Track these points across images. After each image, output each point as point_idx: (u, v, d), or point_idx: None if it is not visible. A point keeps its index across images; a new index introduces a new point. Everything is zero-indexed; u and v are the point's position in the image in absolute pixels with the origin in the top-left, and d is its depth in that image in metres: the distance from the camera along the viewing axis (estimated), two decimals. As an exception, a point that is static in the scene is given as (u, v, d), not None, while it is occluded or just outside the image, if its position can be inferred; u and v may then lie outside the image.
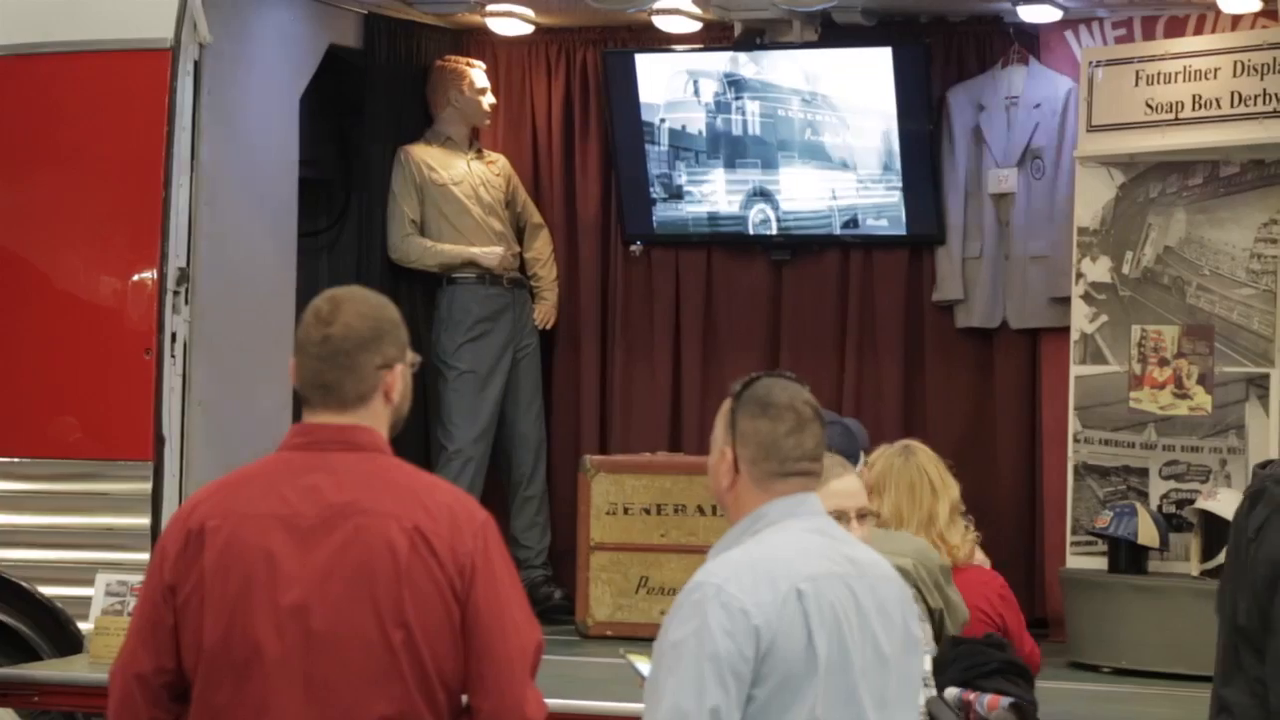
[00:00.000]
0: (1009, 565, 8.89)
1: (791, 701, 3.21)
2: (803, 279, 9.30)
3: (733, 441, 3.38)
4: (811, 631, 3.22)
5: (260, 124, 8.34)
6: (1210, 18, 8.43)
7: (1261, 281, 7.89)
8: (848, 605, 3.29)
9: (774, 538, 3.33)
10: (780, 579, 3.24)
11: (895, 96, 8.79)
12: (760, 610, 3.20)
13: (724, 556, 3.32)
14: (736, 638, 3.18)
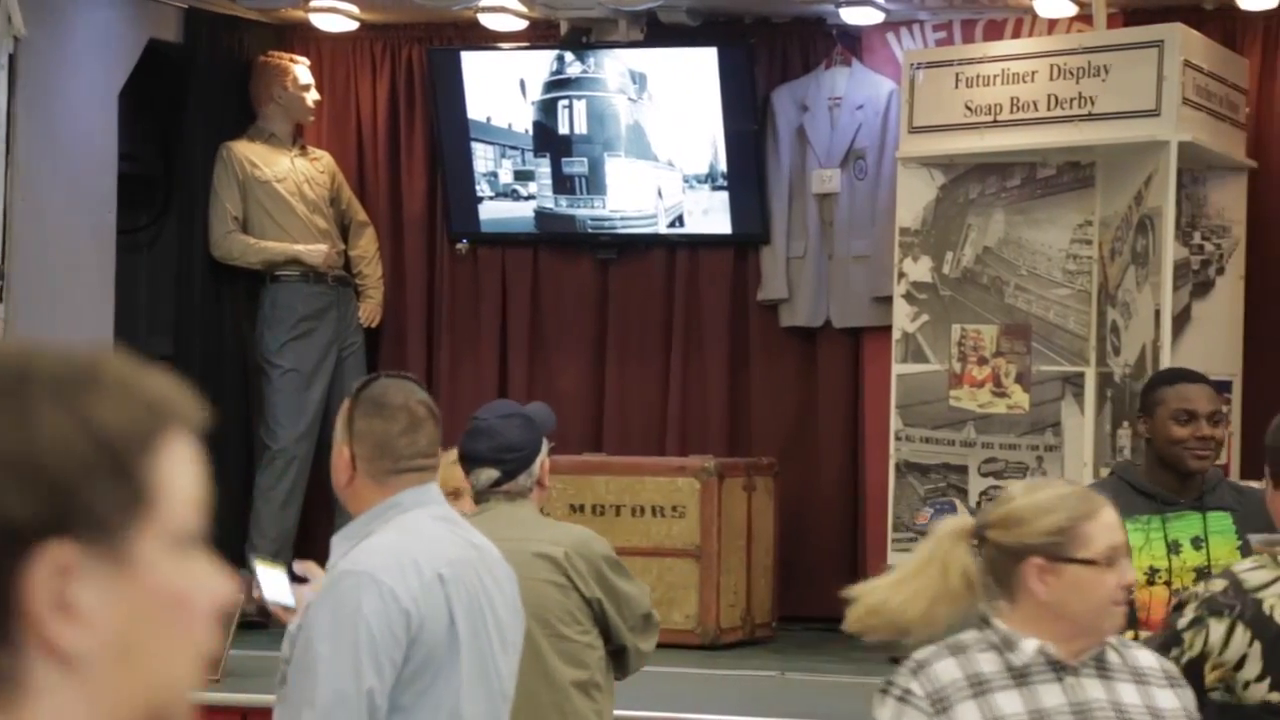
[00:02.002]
0: (831, 562, 9.02)
1: (435, 680, 3.41)
2: (629, 278, 9.33)
3: (350, 440, 3.55)
4: (453, 614, 3.42)
5: (78, 119, 8.20)
6: (1027, 21, 8.57)
7: (1077, 282, 8.02)
8: (478, 588, 3.52)
9: (409, 525, 3.49)
10: (424, 565, 3.41)
11: (720, 96, 8.84)
12: (409, 595, 3.38)
13: (367, 545, 3.45)
14: (390, 622, 3.35)
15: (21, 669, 1.23)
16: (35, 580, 1.23)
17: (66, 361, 1.29)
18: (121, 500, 1.27)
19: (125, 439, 1.28)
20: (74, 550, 1.23)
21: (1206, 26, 8.15)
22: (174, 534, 1.30)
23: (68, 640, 1.23)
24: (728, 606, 8.21)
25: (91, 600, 1.24)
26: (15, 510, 1.22)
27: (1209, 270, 8.06)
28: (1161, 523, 4.43)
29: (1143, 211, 7.51)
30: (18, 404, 1.25)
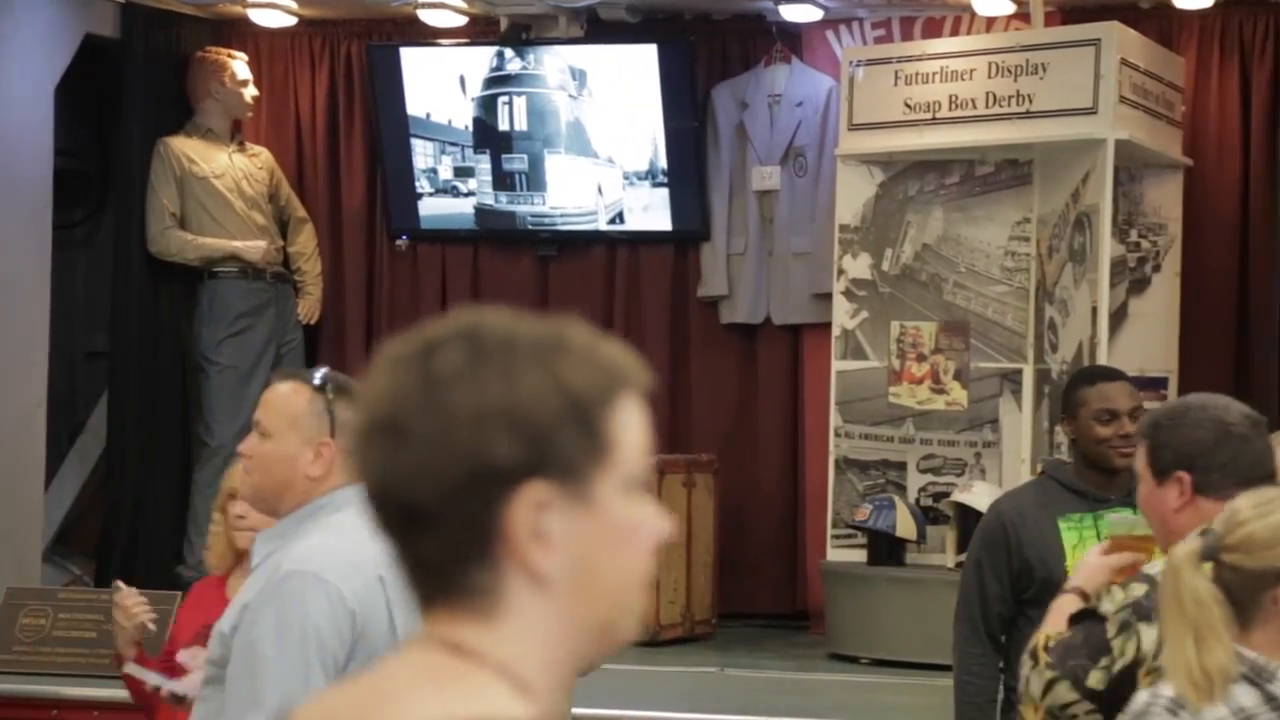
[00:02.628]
0: (771, 558, 9.04)
1: None
2: (569, 274, 9.32)
3: (332, 432, 3.47)
4: (393, 615, 3.37)
5: (13, 114, 8.14)
6: (966, 19, 8.60)
7: (1015, 279, 8.06)
8: None
9: (343, 525, 3.42)
10: (366, 565, 3.36)
11: (660, 93, 8.84)
12: (354, 596, 3.34)
13: (309, 545, 3.41)
14: (336, 623, 3.31)
15: (502, 586, 1.49)
16: (517, 513, 1.48)
17: (541, 330, 1.53)
18: (586, 448, 1.51)
19: (590, 397, 1.52)
20: (548, 489, 1.49)
21: (1143, 25, 8.20)
22: (626, 478, 1.54)
23: (541, 563, 1.49)
24: (667, 603, 8.21)
25: (560, 530, 1.49)
26: (503, 454, 1.48)
27: (1145, 267, 8.11)
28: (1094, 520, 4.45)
29: (1080, 209, 7.55)
30: (505, 365, 1.49)
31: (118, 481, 8.83)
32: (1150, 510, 3.36)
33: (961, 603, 4.48)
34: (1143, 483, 3.36)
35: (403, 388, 1.51)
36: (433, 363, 1.51)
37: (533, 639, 1.51)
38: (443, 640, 1.51)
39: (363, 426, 1.54)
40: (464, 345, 1.52)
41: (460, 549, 1.51)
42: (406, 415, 1.50)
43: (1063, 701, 3.07)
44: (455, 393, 1.49)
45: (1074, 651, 3.09)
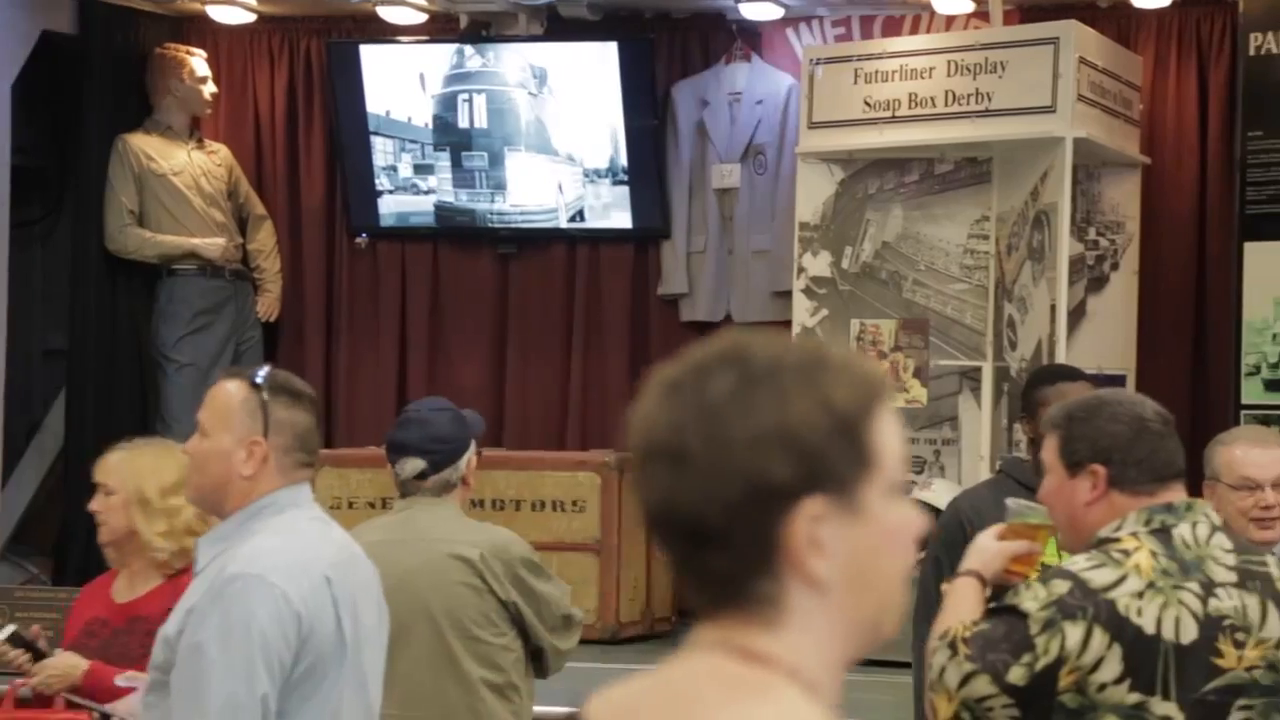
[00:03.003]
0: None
1: (320, 683, 3.36)
2: (529, 272, 9.31)
3: (265, 430, 3.45)
4: (339, 616, 3.38)
5: (-31, 110, 8.10)
6: (925, 18, 8.63)
7: (974, 277, 8.08)
8: (357, 589, 3.47)
9: (288, 527, 3.43)
10: (311, 566, 3.37)
11: (621, 91, 8.84)
12: (300, 598, 3.33)
13: (254, 547, 3.39)
14: (282, 625, 3.30)
15: (784, 594, 1.60)
16: (795, 526, 1.59)
17: (802, 351, 1.63)
18: (853, 461, 1.60)
19: (853, 412, 1.61)
20: (822, 502, 1.59)
21: (1101, 24, 8.23)
22: (888, 483, 1.63)
23: (818, 570, 1.60)
24: (628, 600, 8.22)
25: (833, 539, 1.60)
26: (780, 474, 1.58)
27: (1104, 265, 8.14)
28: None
29: (1039, 207, 7.57)
30: (775, 388, 1.59)
31: (75, 480, 8.77)
32: (1057, 503, 3.34)
33: (920, 600, 4.48)
34: (1051, 474, 3.34)
35: (679, 415, 1.62)
36: (706, 389, 1.61)
37: (815, 641, 1.63)
38: (734, 646, 1.62)
39: (641, 452, 1.64)
40: (734, 371, 1.61)
41: (745, 562, 1.61)
42: (686, 441, 1.60)
43: (980, 695, 3.06)
44: (731, 418, 1.59)
45: (994, 645, 3.07)
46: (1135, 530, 3.23)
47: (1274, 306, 7.46)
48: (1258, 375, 7.46)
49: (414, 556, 4.49)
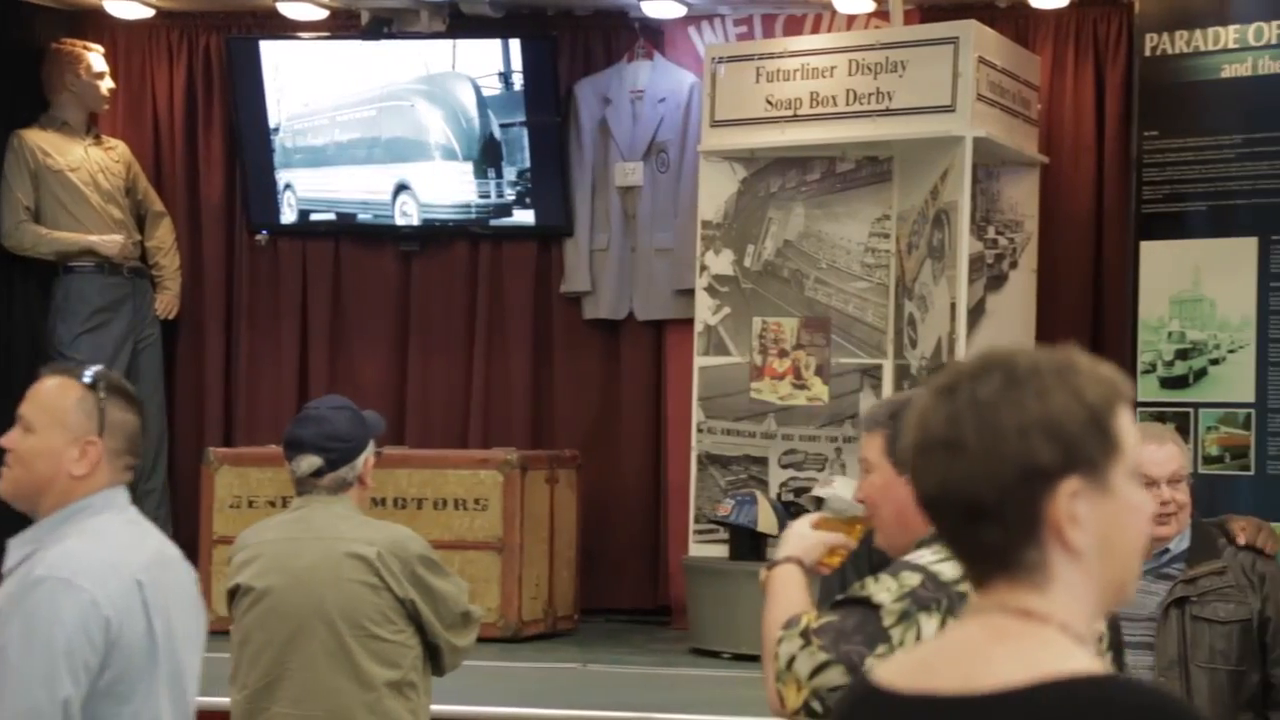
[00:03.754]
0: (633, 554, 9.06)
1: (134, 689, 3.31)
2: (432, 270, 9.28)
3: (100, 430, 3.42)
4: (151, 620, 3.33)
5: None
6: (826, 17, 8.67)
7: (875, 275, 8.13)
8: (170, 593, 3.42)
9: (101, 529, 3.39)
10: (122, 569, 3.32)
11: (523, 89, 8.83)
12: (109, 601, 3.28)
13: (63, 550, 3.35)
14: (88, 629, 3.25)
15: (1048, 561, 1.91)
16: (1058, 503, 1.89)
17: (1056, 357, 1.94)
18: (1103, 447, 1.91)
19: (1101, 405, 1.92)
20: (1079, 481, 1.90)
21: (1000, 24, 8.30)
22: (1129, 468, 1.94)
23: (1076, 540, 1.90)
24: (530, 599, 8.20)
25: (1088, 513, 1.90)
26: (1045, 457, 1.89)
27: (1003, 264, 8.20)
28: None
29: (938, 206, 7.62)
30: (1037, 387, 1.90)
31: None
32: (885, 500, 3.34)
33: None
34: (877, 472, 3.35)
35: (955, 411, 1.93)
36: (978, 389, 1.93)
37: (1076, 600, 1.92)
38: (1011, 608, 1.92)
39: (920, 443, 1.97)
40: (1001, 373, 1.93)
41: (1016, 534, 1.91)
42: (962, 433, 1.92)
43: (834, 684, 3.06)
44: (1001, 412, 1.91)
45: (848, 637, 3.06)
46: None
47: (1169, 305, 7.55)
48: (1153, 373, 7.55)
49: (310, 555, 4.47)
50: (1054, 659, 1.88)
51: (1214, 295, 7.46)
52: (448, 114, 8.97)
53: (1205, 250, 7.50)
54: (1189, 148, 7.55)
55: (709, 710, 6.65)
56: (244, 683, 4.55)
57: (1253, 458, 7.30)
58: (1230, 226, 7.44)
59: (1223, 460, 7.34)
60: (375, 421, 4.69)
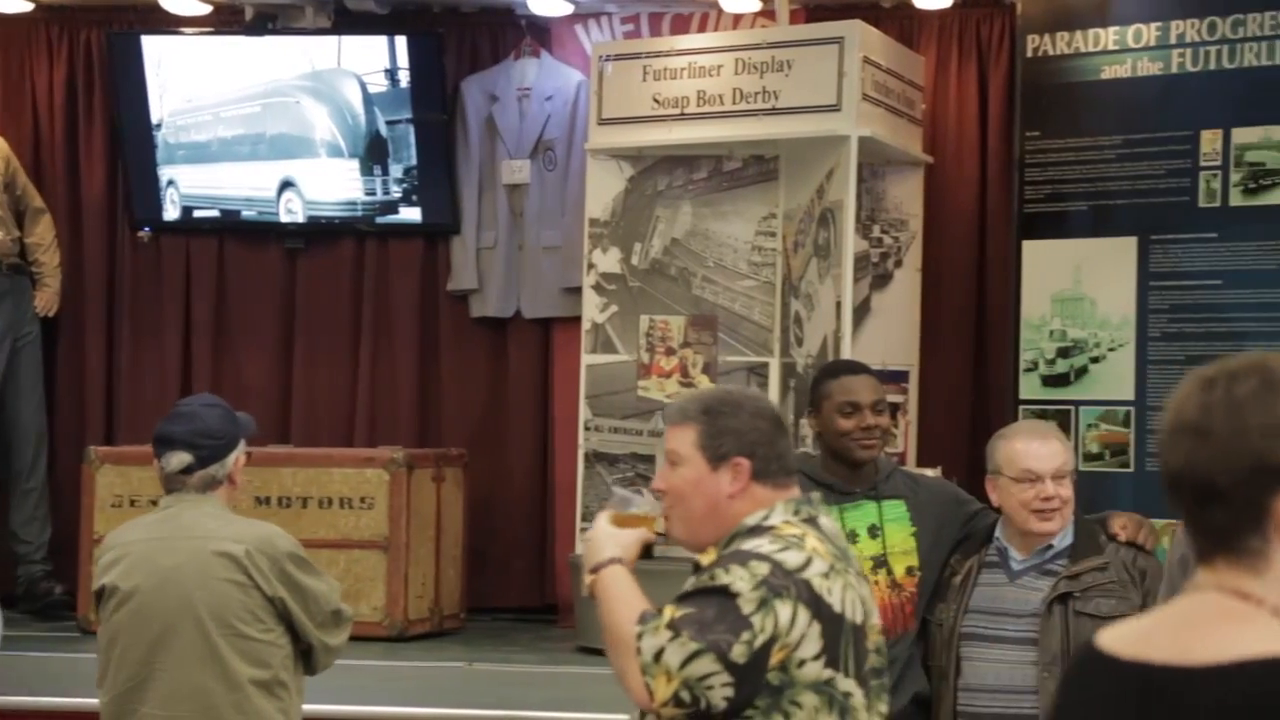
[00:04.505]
0: (520, 552, 9.04)
1: None
2: (317, 267, 9.23)
3: None
4: None
5: None
6: (713, 16, 8.70)
7: (762, 273, 8.16)
8: None
9: None
10: None
11: (410, 85, 8.79)
12: None
13: None
14: None
15: (1268, 549, 2.09)
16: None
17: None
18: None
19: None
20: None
21: (884, 24, 8.35)
22: None
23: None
24: (416, 598, 8.17)
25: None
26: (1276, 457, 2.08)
27: (888, 263, 8.26)
28: (839, 513, 4.53)
29: (824, 205, 7.67)
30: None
31: None
32: (696, 493, 3.41)
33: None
34: (688, 466, 3.41)
35: (1209, 402, 2.12)
36: (1234, 387, 2.12)
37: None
38: (1228, 588, 2.10)
39: (1174, 426, 2.15)
40: (1257, 377, 2.12)
41: (1241, 520, 2.10)
42: (1212, 423, 2.11)
43: (703, 673, 3.14)
44: (1250, 411, 2.10)
45: (711, 626, 3.15)
46: (788, 519, 3.36)
47: (1051, 304, 7.63)
48: (1035, 371, 7.63)
49: (177, 554, 4.44)
50: (1263, 640, 2.05)
51: (1094, 294, 7.55)
52: (333, 111, 8.92)
53: (1086, 249, 7.59)
54: (1070, 148, 7.64)
55: (596, 708, 6.65)
56: (112, 684, 4.51)
57: (1132, 455, 7.40)
58: (1110, 226, 7.54)
59: (1103, 457, 7.44)
60: (247, 422, 4.67)
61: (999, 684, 4.46)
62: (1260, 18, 7.26)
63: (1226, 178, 7.27)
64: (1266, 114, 7.19)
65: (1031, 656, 4.43)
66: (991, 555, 4.60)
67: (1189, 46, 7.41)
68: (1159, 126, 7.42)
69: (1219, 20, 7.34)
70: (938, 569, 4.64)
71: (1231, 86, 7.28)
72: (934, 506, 4.68)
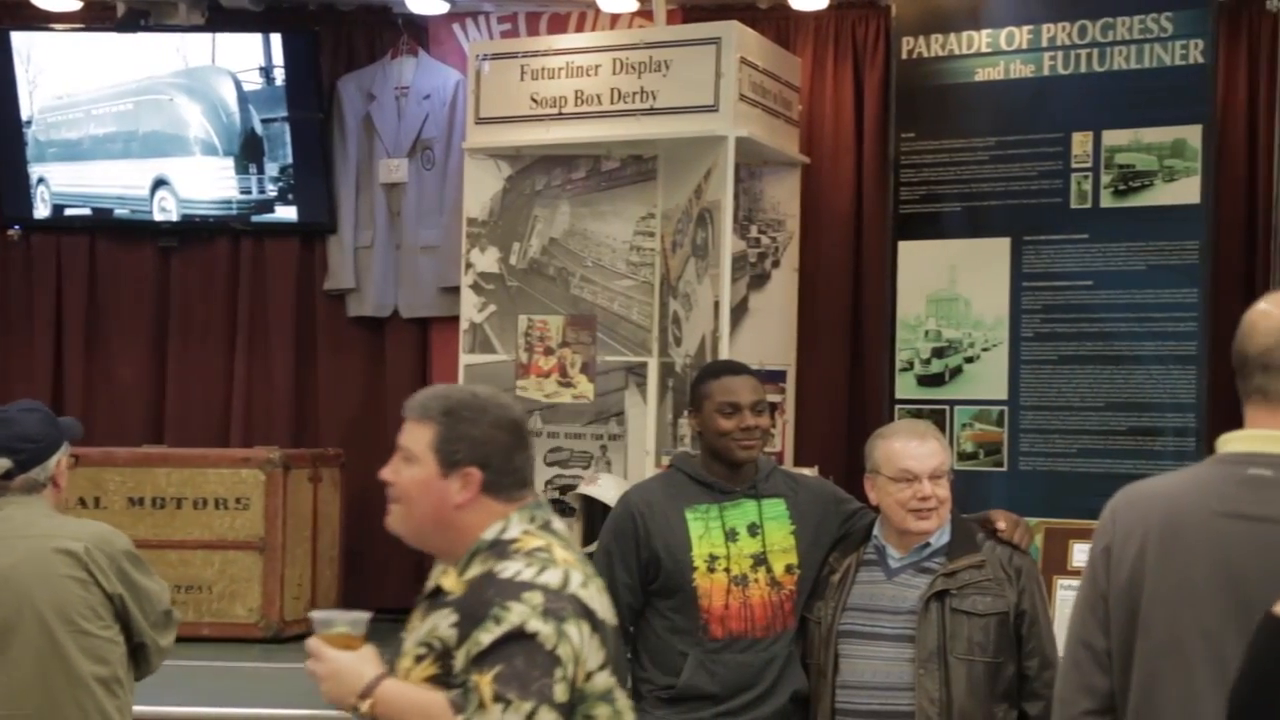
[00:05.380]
0: (398, 553, 9.00)
1: None
2: (192, 267, 9.15)
3: None
4: None
5: None
6: (591, 16, 8.70)
7: (640, 273, 8.18)
8: None
9: None
10: None
11: (285, 84, 8.74)
12: None
13: None
14: None
15: None
16: None
17: None
18: None
19: None
20: None
21: (761, 25, 8.40)
22: None
23: None
24: (292, 599, 8.12)
25: None
26: None
27: (765, 263, 8.31)
28: (719, 511, 4.55)
29: (702, 205, 7.69)
30: None
31: None
32: (423, 495, 3.29)
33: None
34: (420, 465, 3.29)
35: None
36: None
37: None
38: None
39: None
40: None
41: None
42: None
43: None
44: None
45: (529, 676, 3.04)
46: (527, 528, 3.25)
47: (926, 304, 7.70)
48: (911, 371, 7.70)
49: (14, 553, 4.43)
50: None
51: (969, 294, 7.63)
52: (207, 108, 8.84)
53: (960, 250, 7.67)
54: (944, 149, 7.71)
55: (476, 709, 6.63)
56: None
57: (1005, 454, 7.48)
58: (984, 227, 7.62)
59: (977, 456, 7.52)
60: (69, 425, 4.66)
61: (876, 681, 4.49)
62: (1129, 21, 7.37)
63: (1097, 179, 7.37)
64: (1136, 116, 7.30)
65: (909, 653, 4.47)
66: (870, 553, 4.64)
67: (1060, 49, 7.51)
68: (1031, 129, 7.52)
69: (1089, 24, 7.44)
70: (816, 567, 4.67)
71: (1102, 89, 7.38)
72: (813, 505, 4.71)
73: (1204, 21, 7.22)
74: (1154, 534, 2.96)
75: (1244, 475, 2.92)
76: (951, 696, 4.41)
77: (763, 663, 4.52)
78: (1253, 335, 2.95)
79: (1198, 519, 2.92)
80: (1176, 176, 7.22)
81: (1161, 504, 2.99)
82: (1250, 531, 2.87)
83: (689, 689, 4.46)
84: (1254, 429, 2.95)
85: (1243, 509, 2.89)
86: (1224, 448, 2.99)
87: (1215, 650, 2.85)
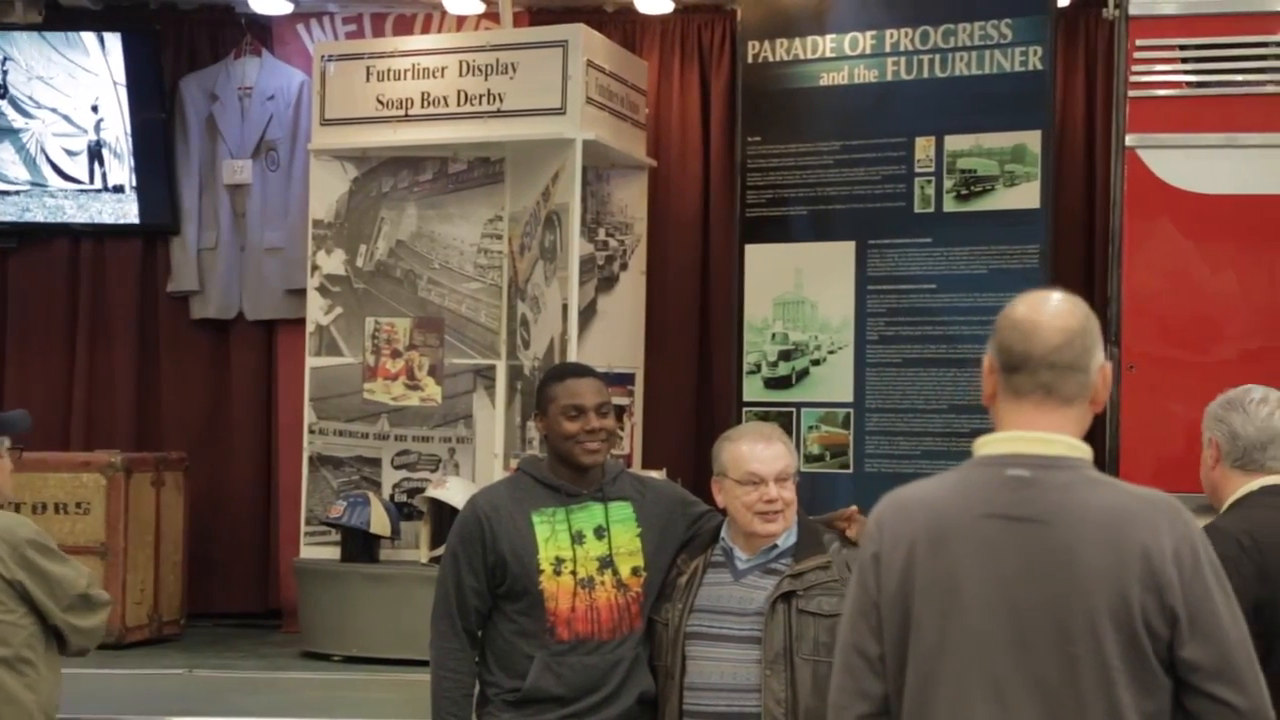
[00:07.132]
0: (243, 557, 8.92)
1: None
2: (30, 268, 9.01)
3: None
4: None
5: None
6: (437, 17, 8.68)
7: (488, 276, 8.17)
8: None
9: None
10: None
11: (126, 84, 8.62)
12: None
13: None
14: None
15: None
16: None
17: None
18: None
19: None
20: None
21: (608, 28, 8.42)
22: None
23: None
24: (134, 604, 8.02)
25: None
26: None
27: (613, 265, 8.33)
28: (566, 514, 4.54)
29: (550, 207, 7.70)
30: None
31: None
32: None
33: (439, 597, 4.51)
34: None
35: None
36: None
37: None
38: None
39: None
40: None
41: None
42: None
43: None
44: None
45: None
46: None
47: (773, 307, 7.75)
48: (758, 374, 7.75)
49: None
50: None
51: (815, 297, 7.70)
52: (45, 109, 8.71)
53: (806, 254, 7.73)
54: (790, 153, 7.77)
55: (319, 713, 6.61)
56: None
57: (851, 456, 7.55)
58: (829, 231, 7.68)
59: (823, 459, 7.58)
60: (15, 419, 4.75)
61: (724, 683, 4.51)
62: (970, 28, 7.47)
63: (940, 184, 7.46)
64: (978, 122, 7.40)
65: (755, 655, 4.49)
66: (717, 555, 4.65)
67: (903, 55, 7.59)
68: (875, 133, 7.59)
69: (931, 30, 7.53)
70: (664, 570, 4.68)
71: (944, 95, 7.48)
72: (660, 508, 4.72)
73: (1043, 29, 7.34)
74: (921, 539, 3.00)
75: (1004, 476, 2.98)
76: (797, 697, 4.43)
77: (609, 665, 4.52)
78: (1036, 333, 2.98)
79: (962, 522, 2.98)
80: (1017, 181, 7.33)
81: (926, 509, 3.03)
82: (1012, 532, 2.93)
83: (535, 691, 4.45)
84: (1012, 430, 3.01)
85: (1004, 510, 2.95)
86: (981, 450, 3.04)
87: (984, 651, 2.90)
